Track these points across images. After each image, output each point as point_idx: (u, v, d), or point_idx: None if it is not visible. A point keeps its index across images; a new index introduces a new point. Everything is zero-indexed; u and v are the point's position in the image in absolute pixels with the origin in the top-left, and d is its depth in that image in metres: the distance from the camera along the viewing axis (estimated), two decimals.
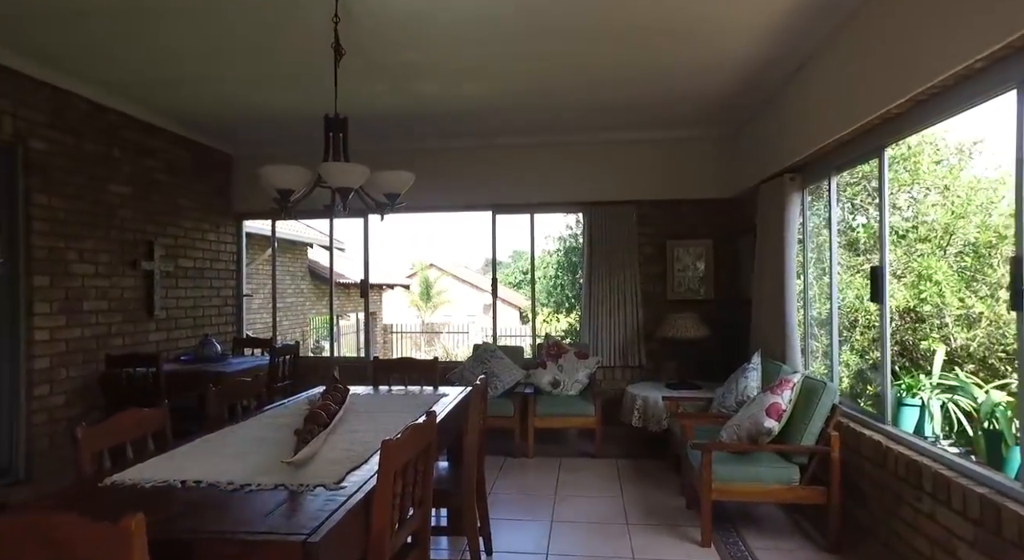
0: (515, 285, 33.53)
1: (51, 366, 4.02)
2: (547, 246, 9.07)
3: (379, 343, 17.11)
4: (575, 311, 8.66)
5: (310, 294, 12.93)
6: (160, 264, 4.98)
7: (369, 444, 2.24)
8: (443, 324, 22.33)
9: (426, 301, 26.80)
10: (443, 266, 29.49)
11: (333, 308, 6.53)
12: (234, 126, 5.30)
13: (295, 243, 11.81)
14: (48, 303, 3.99)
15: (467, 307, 28.36)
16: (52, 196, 4.03)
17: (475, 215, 6.06)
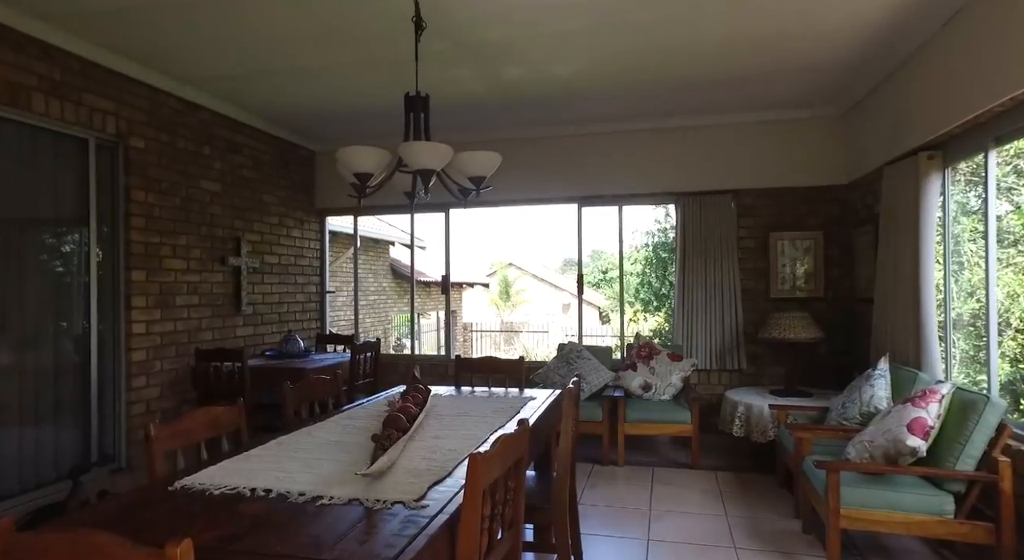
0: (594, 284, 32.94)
1: (147, 358, 4.11)
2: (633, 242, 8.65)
3: (459, 341, 17.18)
4: (662, 310, 8.20)
5: (391, 292, 13.11)
6: (247, 260, 5.04)
7: (453, 453, 2.02)
8: (522, 323, 22.21)
9: (505, 300, 26.79)
10: (522, 265, 29.41)
11: (414, 305, 6.44)
12: (316, 121, 5.29)
13: (377, 241, 11.98)
14: (144, 297, 4.08)
15: (545, 306, 28.14)
16: (148, 193, 4.12)
17: (556, 211, 5.79)
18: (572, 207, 5.66)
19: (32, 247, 3.59)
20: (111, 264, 3.96)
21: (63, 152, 3.69)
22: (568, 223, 5.62)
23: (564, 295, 29.11)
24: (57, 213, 3.68)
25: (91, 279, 3.82)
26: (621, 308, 5.90)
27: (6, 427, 3.38)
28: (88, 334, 3.81)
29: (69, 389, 3.73)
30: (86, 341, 3.80)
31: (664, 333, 7.87)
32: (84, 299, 3.80)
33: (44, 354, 3.60)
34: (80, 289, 3.80)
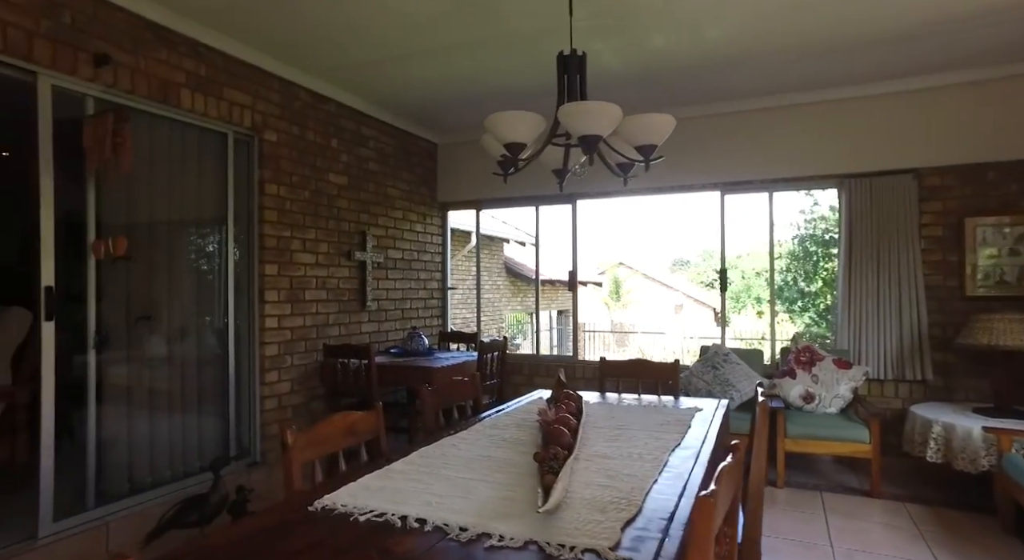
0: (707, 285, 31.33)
1: (279, 353, 4.07)
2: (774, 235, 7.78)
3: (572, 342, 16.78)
4: (810, 310, 7.32)
5: (506, 290, 12.96)
6: (372, 255, 4.95)
7: (633, 480, 1.62)
8: (632, 324, 21.47)
9: (616, 300, 26.08)
10: (631, 264, 28.53)
11: (538, 303, 6.11)
12: (440, 109, 5.11)
13: (492, 238, 11.85)
14: (276, 291, 4.05)
15: (656, 307, 27.12)
16: (280, 186, 4.09)
17: (665, 208, 5.24)
18: (703, 196, 5.08)
19: (179, 239, 3.63)
20: (246, 257, 3.96)
21: (206, 147, 3.71)
22: (677, 219, 5.05)
23: (676, 295, 27.88)
24: (200, 205, 3.71)
25: (229, 272, 3.82)
26: (772, 308, 5.22)
27: (160, 417, 3.42)
28: (226, 328, 3.81)
29: (211, 383, 3.75)
30: (224, 335, 3.81)
31: (811, 336, 7.01)
32: (223, 292, 3.81)
33: (189, 348, 3.63)
34: (220, 282, 3.81)
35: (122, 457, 3.26)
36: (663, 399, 2.96)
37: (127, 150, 2.88)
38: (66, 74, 2.90)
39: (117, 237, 3.02)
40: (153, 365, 3.44)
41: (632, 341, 19.15)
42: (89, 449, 3.10)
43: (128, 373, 3.32)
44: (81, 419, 3.10)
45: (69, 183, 3.05)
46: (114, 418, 3.21)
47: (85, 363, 3.13)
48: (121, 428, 3.25)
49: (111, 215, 3.19)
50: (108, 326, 3.17)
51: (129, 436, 3.30)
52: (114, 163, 2.90)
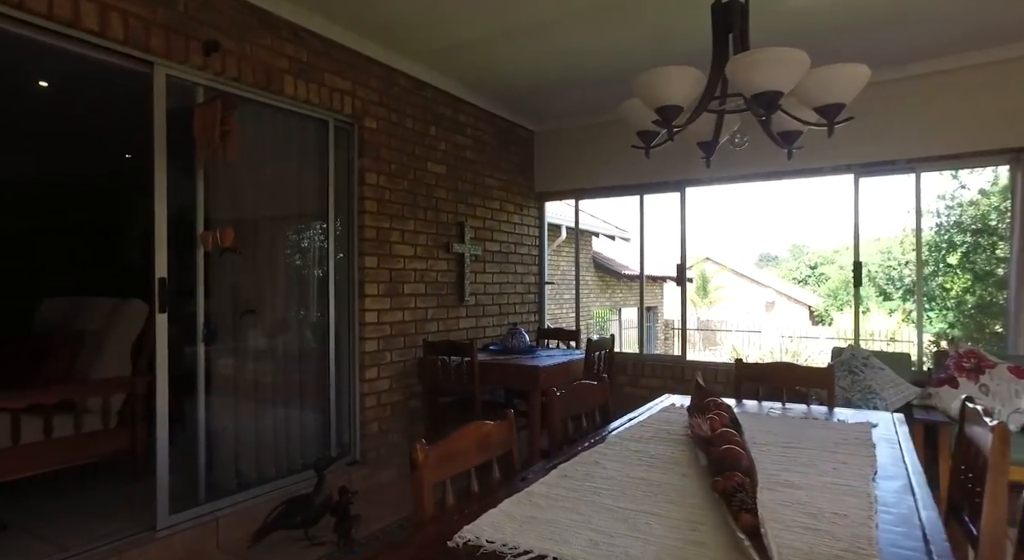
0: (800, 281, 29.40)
1: (378, 349, 3.94)
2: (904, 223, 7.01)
3: (660, 339, 16.14)
4: (952, 310, 6.48)
5: (593, 286, 12.57)
6: (470, 247, 4.75)
7: (847, 523, 1.26)
8: (720, 322, 20.47)
9: (703, 296, 25.00)
10: (719, 259, 27.30)
11: (643, 298, 5.71)
12: (538, 94, 4.83)
13: (581, 232, 11.48)
14: (376, 284, 3.92)
15: (745, 304, 25.81)
16: (380, 175, 3.95)
17: (749, 201, 4.66)
18: (848, 178, 4.50)
19: (281, 230, 3.56)
20: (346, 249, 3.85)
21: (307, 135, 3.62)
22: (763, 212, 4.47)
23: (766, 292, 26.41)
24: (302, 195, 3.62)
25: (329, 264, 3.71)
26: (919, 307, 4.58)
27: (264, 413, 3.36)
28: (327, 322, 3.71)
29: (312, 379, 3.66)
30: (325, 330, 3.71)
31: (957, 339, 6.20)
32: (324, 285, 3.71)
33: (291, 342, 3.55)
34: (321, 275, 3.72)
35: (229, 451, 3.21)
36: (814, 409, 2.54)
37: (235, 138, 2.79)
38: (178, 63, 2.84)
39: (224, 228, 2.95)
40: (257, 359, 3.38)
41: (721, 339, 18.23)
42: (200, 442, 3.06)
43: (234, 367, 3.27)
44: (191, 411, 3.06)
45: (178, 174, 3.01)
46: (221, 411, 3.16)
47: (194, 356, 3.09)
48: (228, 422, 3.20)
49: (216, 206, 3.13)
50: (215, 319, 3.12)
51: (236, 430, 3.24)
52: (222, 151, 2.82)
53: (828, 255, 30.20)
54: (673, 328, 17.69)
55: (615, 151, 5.23)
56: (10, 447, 2.99)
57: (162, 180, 2.84)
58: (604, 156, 5.32)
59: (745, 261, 29.55)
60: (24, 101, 4.72)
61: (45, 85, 4.33)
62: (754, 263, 32.77)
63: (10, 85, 4.27)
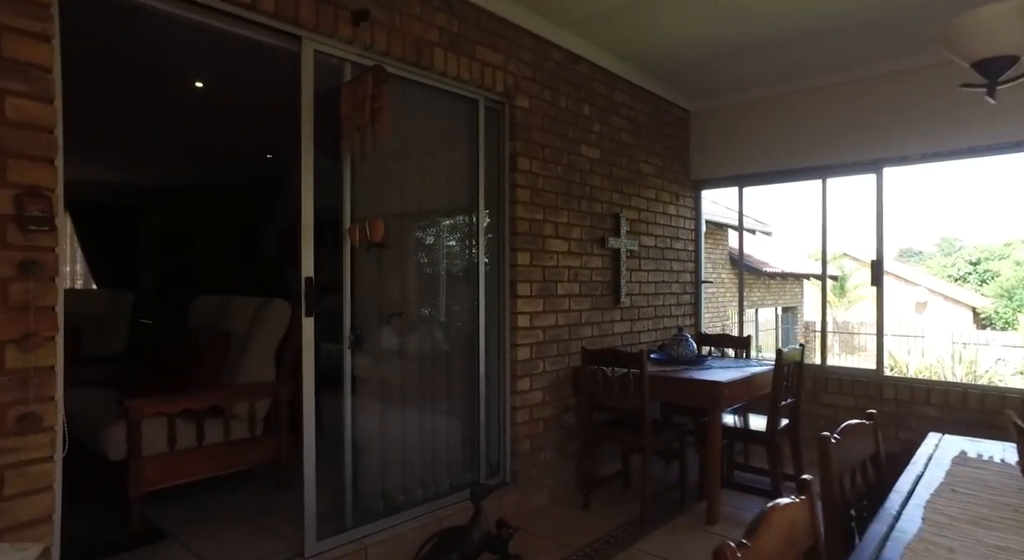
0: (957, 279, 25.92)
1: (531, 357, 3.49)
2: None
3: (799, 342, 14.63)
4: None
5: (731, 284, 11.53)
6: (626, 241, 4.19)
7: None
8: (859, 324, 18.31)
9: (840, 296, 22.64)
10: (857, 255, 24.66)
11: (826, 296, 4.85)
12: (700, 68, 4.17)
13: (719, 226, 10.55)
14: (528, 284, 3.47)
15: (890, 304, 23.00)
16: (533, 160, 3.50)
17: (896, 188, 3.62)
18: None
19: (429, 222, 3.20)
20: (496, 245, 3.43)
21: (456, 116, 3.24)
22: (903, 202, 3.49)
23: (918, 291, 23.48)
24: (451, 184, 3.25)
25: (480, 261, 3.31)
26: None
27: (411, 428, 3.01)
28: (477, 327, 3.31)
29: (461, 390, 3.28)
30: (474, 335, 3.31)
31: None
32: (474, 285, 3.31)
33: (439, 349, 3.19)
34: (471, 273, 3.32)
35: (375, 470, 2.88)
36: None
37: (386, 114, 2.43)
38: (326, 36, 2.55)
39: (373, 220, 2.60)
40: (404, 368, 3.04)
41: (863, 344, 16.25)
42: (346, 459, 2.75)
43: (379, 375, 2.94)
44: (336, 423, 2.76)
45: (321, 164, 2.71)
46: (366, 425, 2.84)
47: (335, 359, 2.80)
48: (374, 438, 2.88)
49: (361, 198, 2.80)
50: (361, 322, 2.79)
51: (382, 447, 2.91)
52: (371, 132, 2.47)
53: (996, 249, 26.44)
54: (814, 330, 16.03)
55: (793, 128, 4.45)
56: (167, 453, 2.85)
57: (309, 166, 2.55)
58: (777, 135, 4.55)
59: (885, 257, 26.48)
60: (181, 106, 4.80)
61: (201, 85, 4.31)
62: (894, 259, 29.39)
63: (174, 86, 4.30)
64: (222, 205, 8.94)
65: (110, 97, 4.58)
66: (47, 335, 1.79)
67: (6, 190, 1.74)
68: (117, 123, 5.35)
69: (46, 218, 1.79)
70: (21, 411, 1.75)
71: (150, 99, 4.56)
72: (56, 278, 1.83)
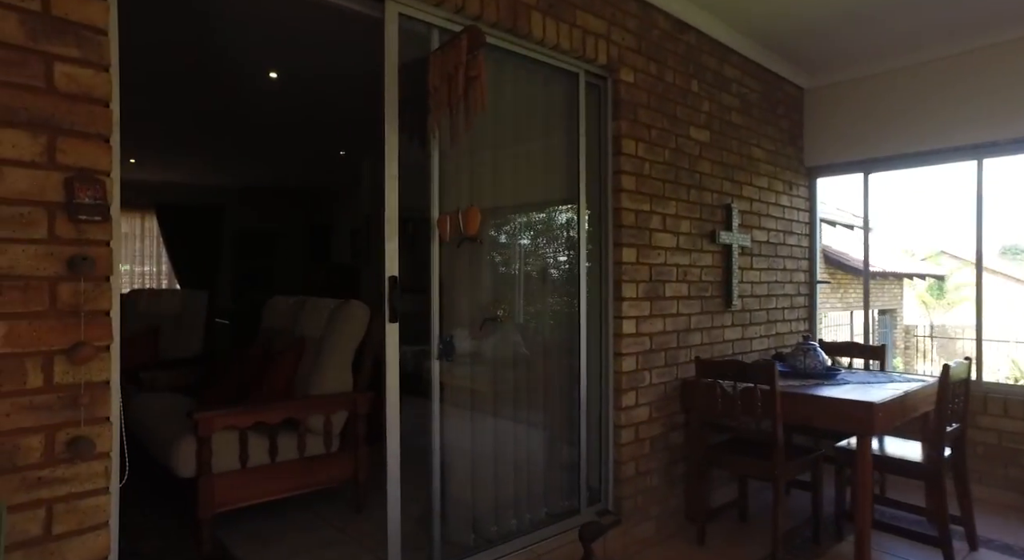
0: None
1: (636, 368, 3.05)
2: None
3: (899, 348, 13.42)
4: None
5: (825, 284, 10.62)
6: (739, 236, 3.67)
7: None
8: (958, 328, 16.67)
9: (937, 297, 20.81)
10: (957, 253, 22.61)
11: (982, 297, 4.14)
12: (820, 36, 3.61)
13: None
14: (634, 285, 3.03)
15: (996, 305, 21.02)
16: (638, 143, 3.05)
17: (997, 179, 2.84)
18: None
19: (523, 214, 2.82)
20: (598, 239, 3.01)
21: (554, 92, 2.84)
22: None
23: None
24: (548, 169, 2.85)
25: (581, 259, 2.89)
26: None
27: (504, 448, 2.64)
28: (578, 334, 2.89)
29: (560, 406, 2.88)
30: (575, 343, 2.90)
31: None
32: (575, 285, 2.90)
33: (536, 358, 2.79)
34: (571, 272, 2.92)
35: (464, 496, 2.52)
36: None
37: (482, 84, 2.05)
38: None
39: (469, 209, 2.24)
40: (498, 380, 2.66)
41: (963, 349, 14.71)
42: (434, 484, 2.40)
43: (471, 389, 2.57)
44: (416, 439, 2.42)
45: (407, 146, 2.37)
46: (456, 444, 2.48)
47: (417, 367, 2.45)
48: (463, 458, 2.51)
49: (449, 186, 2.44)
50: (449, 327, 2.43)
51: (473, 469, 2.55)
52: (463, 105, 2.10)
53: None
54: (915, 335, 14.70)
55: (942, 102, 3.80)
56: (238, 470, 2.59)
57: (393, 149, 2.24)
58: (920, 111, 3.90)
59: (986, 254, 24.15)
60: (255, 101, 4.66)
61: (275, 76, 4.13)
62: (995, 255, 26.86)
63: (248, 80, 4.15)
64: (295, 205, 8.94)
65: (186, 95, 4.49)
66: (100, 345, 1.51)
67: (55, 173, 1.46)
68: (194, 123, 5.29)
69: (99, 206, 1.51)
70: (71, 435, 1.47)
71: (224, 92, 4.43)
72: (111, 277, 1.55)
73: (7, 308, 1.40)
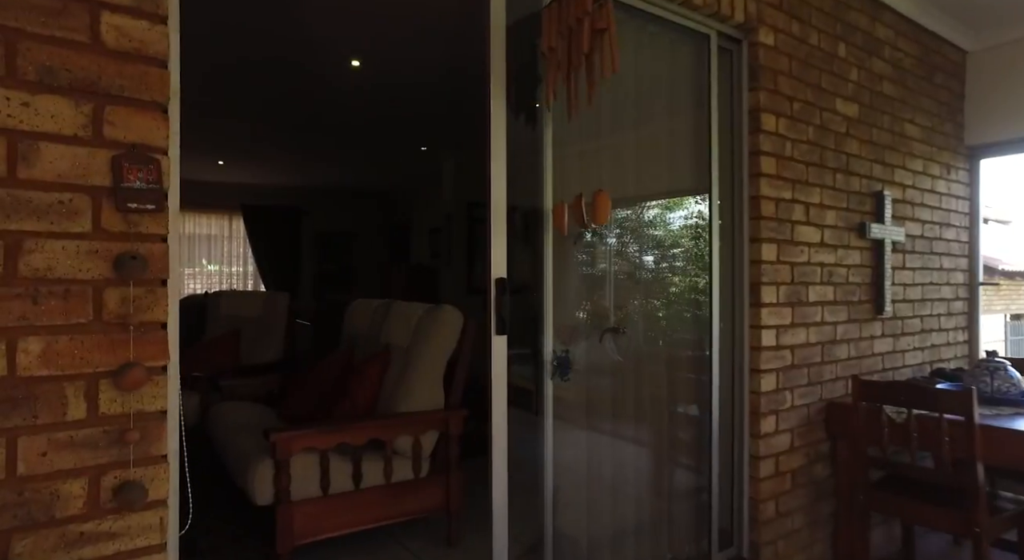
0: None
1: (776, 387, 2.53)
2: None
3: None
4: None
5: None
6: (891, 230, 3.06)
7: None
8: None
9: None
10: None
11: None
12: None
13: None
14: (774, 288, 2.52)
15: None
16: (779, 118, 2.54)
17: None
18: None
19: (646, 201, 2.38)
20: (730, 233, 2.52)
21: (681, 58, 2.39)
22: None
23: None
24: (673, 151, 2.40)
25: (713, 256, 2.42)
26: None
27: (623, 479, 2.21)
28: (708, 347, 2.42)
29: (686, 434, 2.42)
30: (705, 358, 2.43)
31: None
32: (706, 288, 2.43)
33: (660, 375, 2.35)
34: (699, 274, 2.45)
35: (577, 534, 2.12)
36: None
37: (612, 38, 1.64)
38: None
39: (597, 194, 1.82)
40: (617, 400, 2.23)
41: None
42: (546, 522, 2.01)
43: (584, 410, 2.16)
44: (523, 468, 2.03)
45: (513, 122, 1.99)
46: (566, 471, 2.08)
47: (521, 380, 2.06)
48: (576, 489, 2.11)
49: (565, 169, 2.04)
50: (563, 338, 2.03)
51: (587, 503, 2.14)
52: (587, 67, 1.70)
53: None
54: None
55: None
56: (320, 497, 2.30)
57: (500, 121, 1.85)
58: None
59: None
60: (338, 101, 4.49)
61: (357, 65, 3.89)
62: None
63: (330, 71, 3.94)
64: (374, 204, 8.84)
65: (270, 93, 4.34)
66: (154, 365, 1.21)
67: (100, 151, 1.17)
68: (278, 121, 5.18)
69: (152, 192, 1.20)
70: (119, 478, 1.17)
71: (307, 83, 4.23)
72: (168, 280, 1.25)
73: (45, 320, 1.12)
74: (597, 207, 1.78)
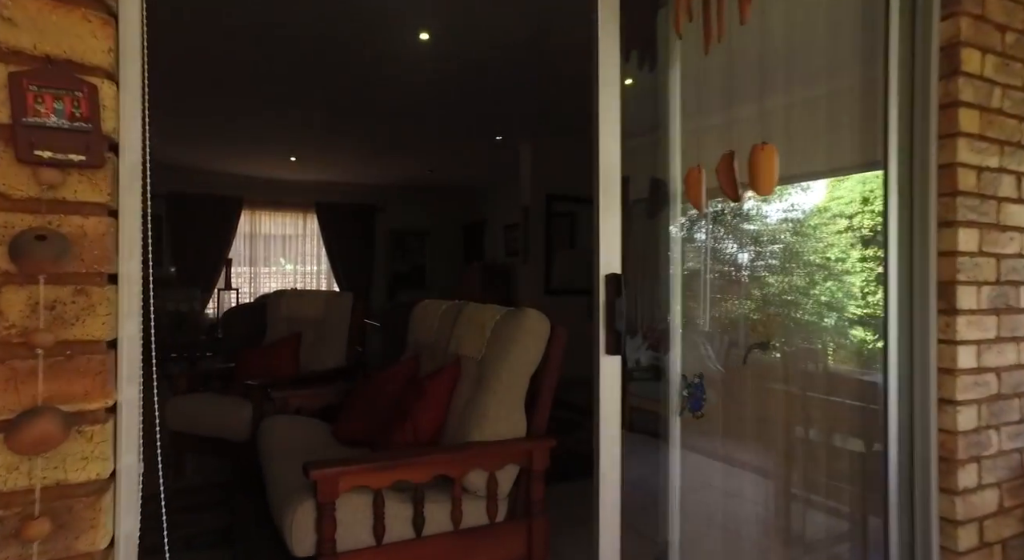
0: None
1: (978, 426, 1.85)
2: None
3: None
4: None
5: None
6: None
7: None
8: None
9: None
10: None
11: None
12: None
13: None
14: (974, 289, 1.84)
15: None
16: (985, 55, 1.86)
17: None
18: None
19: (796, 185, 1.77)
20: (907, 215, 1.86)
21: None
22: None
23: None
24: (831, 107, 1.78)
25: (890, 246, 1.78)
26: None
27: (772, 544, 1.62)
28: (882, 370, 1.78)
29: (850, 486, 1.79)
30: (876, 385, 1.79)
31: None
32: (876, 295, 1.79)
33: (814, 408, 1.74)
34: (869, 272, 1.81)
35: None
36: None
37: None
38: None
39: (758, 148, 1.26)
40: (764, 438, 1.65)
41: None
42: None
43: (722, 451, 1.59)
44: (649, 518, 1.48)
45: None
46: (692, 532, 1.51)
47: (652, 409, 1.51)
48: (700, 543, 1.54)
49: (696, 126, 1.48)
50: (693, 362, 1.47)
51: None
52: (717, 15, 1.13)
53: None
54: None
55: None
56: (373, 548, 1.85)
57: (614, 57, 1.30)
58: None
59: None
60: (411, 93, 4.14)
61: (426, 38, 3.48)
62: None
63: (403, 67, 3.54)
64: (448, 202, 8.51)
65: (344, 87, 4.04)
66: (87, 408, 0.76)
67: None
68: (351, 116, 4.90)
69: (79, 135, 0.75)
70: None
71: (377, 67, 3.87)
72: (122, 276, 0.80)
73: None
74: (759, 167, 1.20)
